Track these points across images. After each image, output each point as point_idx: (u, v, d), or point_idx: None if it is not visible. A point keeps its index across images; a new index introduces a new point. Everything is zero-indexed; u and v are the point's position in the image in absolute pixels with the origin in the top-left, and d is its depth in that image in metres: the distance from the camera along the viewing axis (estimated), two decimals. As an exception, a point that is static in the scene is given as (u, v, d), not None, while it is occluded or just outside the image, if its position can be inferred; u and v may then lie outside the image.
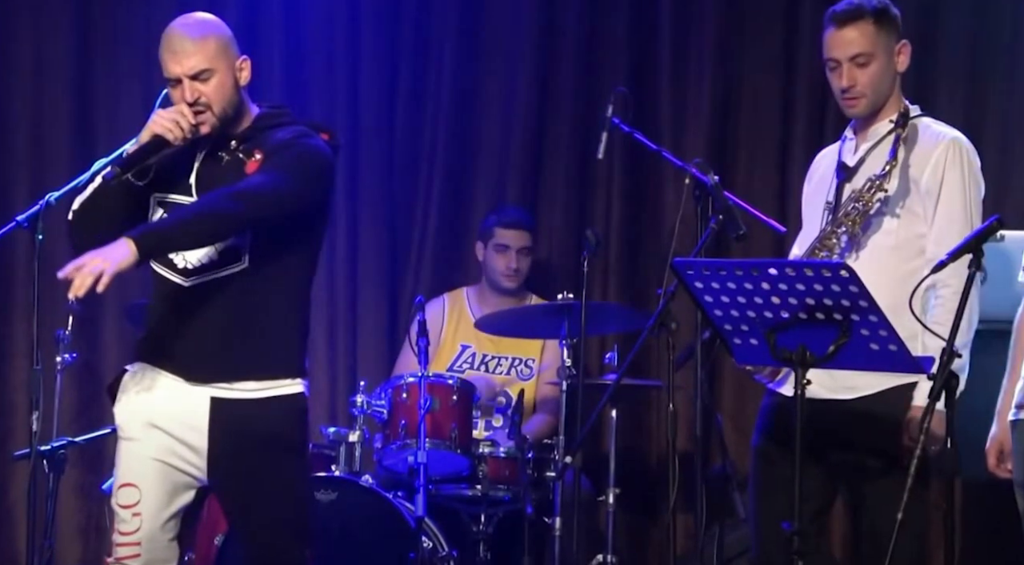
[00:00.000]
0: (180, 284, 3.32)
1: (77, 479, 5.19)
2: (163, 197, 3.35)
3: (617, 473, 4.55)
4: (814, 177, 3.80)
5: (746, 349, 3.23)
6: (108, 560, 3.37)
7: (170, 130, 3.24)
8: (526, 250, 5.12)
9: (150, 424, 3.32)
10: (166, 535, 3.32)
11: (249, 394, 3.32)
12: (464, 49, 5.54)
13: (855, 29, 3.59)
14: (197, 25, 3.35)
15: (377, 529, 4.39)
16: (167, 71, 3.31)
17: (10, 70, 5.45)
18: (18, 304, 5.36)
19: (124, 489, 3.32)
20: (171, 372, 3.33)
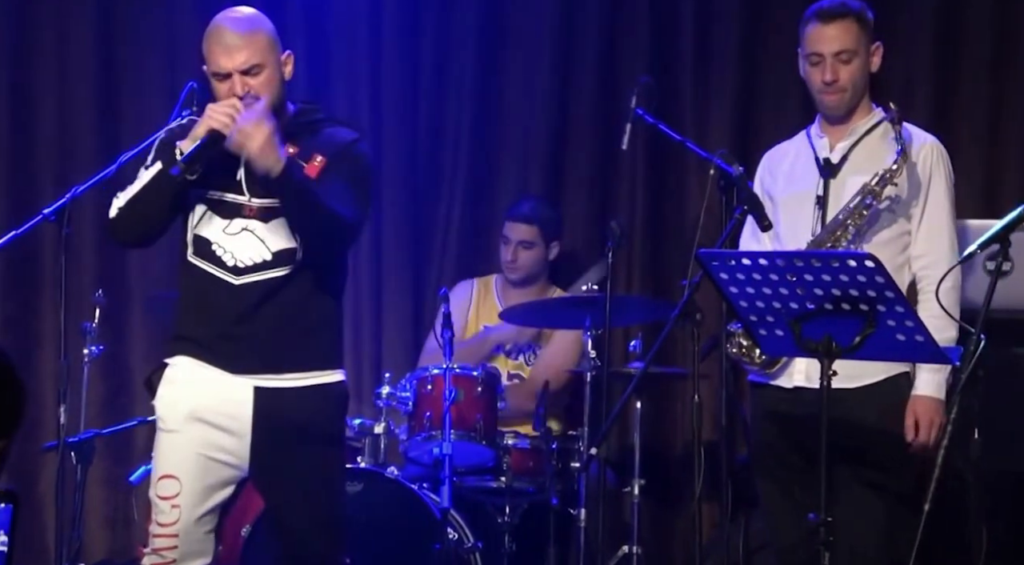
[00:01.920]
0: (228, 282, 3.34)
1: (104, 470, 5.21)
2: (210, 194, 3.36)
3: (642, 464, 4.55)
4: (777, 172, 3.83)
5: (772, 339, 3.23)
6: (144, 550, 3.39)
7: (226, 125, 3.25)
8: (527, 244, 5.09)
9: (192, 417, 3.33)
10: (203, 528, 3.34)
11: (292, 383, 3.35)
12: (486, 40, 5.54)
13: (841, 26, 3.69)
14: (247, 20, 3.36)
15: (403, 520, 4.40)
16: (216, 65, 3.32)
17: (35, 65, 5.48)
18: (45, 297, 5.38)
19: (164, 480, 3.33)
20: (214, 364, 3.35)
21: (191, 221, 3.38)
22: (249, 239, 3.35)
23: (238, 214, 3.36)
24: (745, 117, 5.39)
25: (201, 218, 3.37)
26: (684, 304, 3.48)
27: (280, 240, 3.35)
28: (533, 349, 5.13)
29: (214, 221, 3.37)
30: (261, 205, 3.36)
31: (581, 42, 5.50)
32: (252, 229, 3.35)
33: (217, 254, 3.35)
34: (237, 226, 3.36)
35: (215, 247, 3.36)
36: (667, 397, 5.33)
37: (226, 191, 3.36)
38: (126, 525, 5.32)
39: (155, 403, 3.41)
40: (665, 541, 5.31)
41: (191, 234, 3.38)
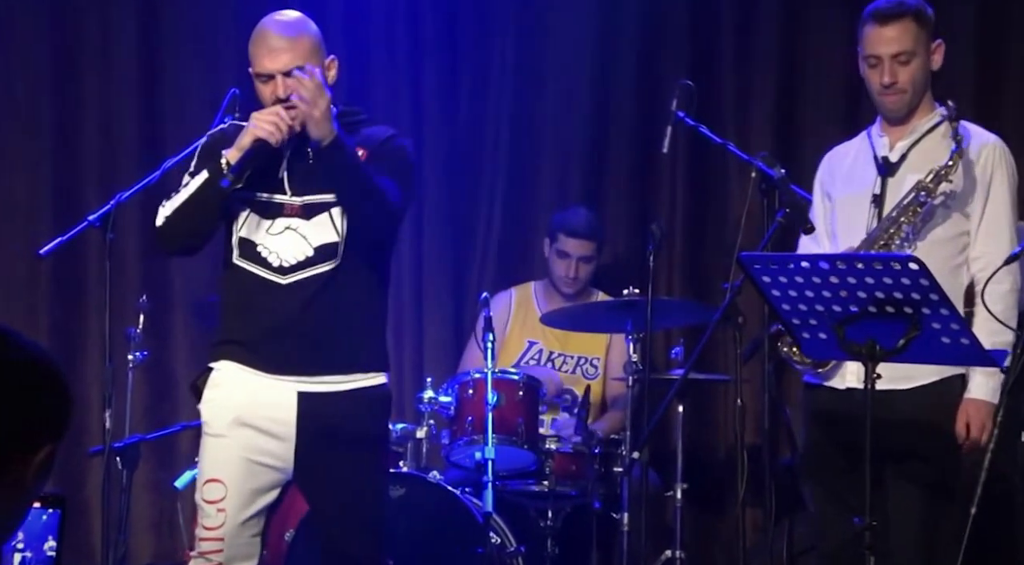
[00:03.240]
0: (276, 282, 3.36)
1: (149, 475, 5.24)
2: (254, 196, 3.37)
3: (684, 468, 4.53)
4: (836, 173, 3.79)
5: (815, 343, 3.21)
6: (190, 553, 3.41)
7: (272, 133, 3.27)
8: (587, 259, 5.09)
9: (238, 421, 3.35)
10: (249, 532, 3.36)
11: (336, 387, 3.37)
12: (525, 43, 5.55)
13: (898, 27, 3.63)
14: (292, 23, 3.39)
15: (445, 525, 4.40)
16: (260, 67, 3.34)
17: (79, 73, 5.52)
18: (90, 303, 5.42)
19: (209, 485, 3.35)
20: (259, 368, 3.37)
21: (235, 224, 3.40)
22: (292, 237, 3.36)
23: (280, 213, 3.38)
24: (786, 119, 5.37)
25: (245, 220, 3.39)
26: (726, 307, 3.47)
27: (322, 235, 3.36)
28: (590, 361, 5.11)
29: (257, 222, 3.38)
30: (303, 203, 3.37)
31: (621, 45, 5.50)
32: (295, 227, 3.37)
33: (263, 255, 3.37)
34: (280, 225, 3.38)
35: (260, 248, 3.38)
36: (709, 401, 5.32)
37: (268, 191, 3.38)
38: (171, 529, 5.34)
39: (201, 407, 3.43)
40: (708, 545, 5.30)
41: (235, 237, 3.40)
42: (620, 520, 4.40)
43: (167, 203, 3.37)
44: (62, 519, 2.05)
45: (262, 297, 3.37)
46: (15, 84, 5.49)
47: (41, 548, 2.02)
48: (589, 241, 5.08)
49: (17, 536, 2.05)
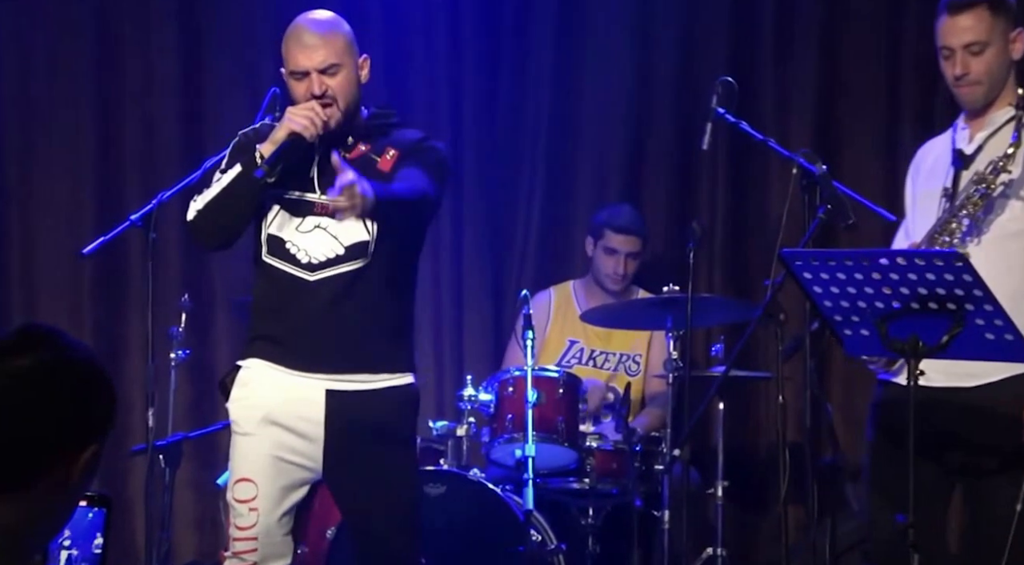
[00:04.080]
0: (305, 279, 3.37)
1: (192, 473, 5.27)
2: (284, 193, 3.39)
3: (725, 465, 4.52)
4: (922, 168, 3.72)
5: (857, 339, 3.20)
6: (225, 554, 3.42)
7: (306, 128, 3.29)
8: (635, 255, 5.08)
9: (267, 420, 3.36)
10: (281, 530, 3.37)
11: (363, 385, 3.37)
12: (565, 41, 5.54)
13: (970, 17, 3.51)
14: (326, 21, 3.40)
15: (486, 522, 4.41)
16: (295, 64, 3.35)
17: (120, 73, 5.55)
18: (132, 302, 5.45)
19: (240, 484, 3.36)
20: (287, 366, 3.38)
21: (264, 221, 3.41)
22: (322, 236, 3.37)
23: (310, 212, 3.39)
24: (827, 116, 5.35)
25: (274, 218, 3.40)
26: (767, 304, 3.45)
27: (352, 234, 3.37)
28: (632, 358, 5.10)
29: (287, 220, 3.39)
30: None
31: (661, 41, 5.49)
32: (324, 226, 3.38)
33: (291, 252, 3.38)
34: (310, 223, 3.39)
35: (289, 246, 3.39)
36: (750, 398, 5.30)
37: (298, 189, 3.39)
38: (213, 527, 5.37)
39: (229, 406, 3.44)
40: (750, 543, 5.28)
41: (265, 234, 3.41)
42: (661, 518, 4.39)
43: (198, 197, 3.39)
44: (108, 517, 2.06)
45: (290, 294, 3.38)
46: (57, 85, 5.54)
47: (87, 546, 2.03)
48: (636, 237, 5.07)
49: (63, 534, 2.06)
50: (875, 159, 5.29)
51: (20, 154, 5.52)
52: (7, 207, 5.51)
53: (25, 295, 5.52)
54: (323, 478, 3.42)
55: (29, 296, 5.52)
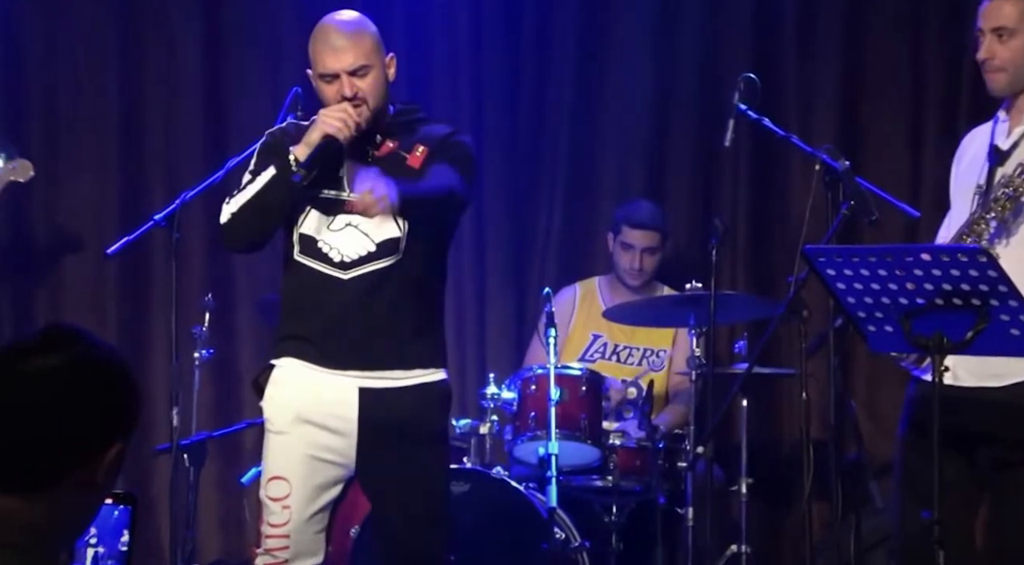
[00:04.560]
0: (337, 277, 3.38)
1: (216, 472, 5.28)
2: (315, 193, 3.39)
3: (749, 463, 4.51)
4: (963, 158, 3.66)
5: (881, 336, 3.18)
6: (256, 551, 3.43)
7: (340, 130, 3.29)
8: (652, 250, 5.07)
9: (300, 418, 3.37)
10: (313, 528, 3.38)
11: (397, 382, 3.38)
12: (587, 39, 5.54)
13: (1007, 2, 3.46)
14: (354, 22, 3.40)
15: (509, 520, 4.40)
16: (324, 66, 3.35)
17: (143, 75, 5.57)
18: (156, 301, 5.47)
19: (274, 482, 3.37)
20: (320, 365, 3.39)
21: (296, 221, 3.42)
22: (353, 234, 3.38)
23: (341, 210, 3.39)
24: (850, 111, 5.33)
25: (305, 217, 3.41)
26: (790, 301, 3.44)
27: (384, 231, 3.38)
28: (656, 353, 5.10)
29: (318, 219, 3.40)
30: None
31: (683, 38, 5.48)
32: (356, 224, 3.38)
33: (323, 251, 3.39)
34: (341, 222, 3.39)
35: (321, 244, 3.39)
36: (774, 395, 5.29)
37: (329, 188, 3.39)
38: (238, 526, 5.39)
39: (263, 404, 3.45)
40: (774, 540, 5.27)
41: (296, 233, 3.42)
42: (685, 515, 4.39)
43: (232, 200, 3.38)
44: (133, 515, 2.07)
45: (324, 293, 3.38)
46: (81, 86, 5.56)
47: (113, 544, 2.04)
48: (653, 232, 5.07)
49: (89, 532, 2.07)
50: (899, 155, 5.27)
51: (44, 154, 5.54)
52: (32, 208, 5.53)
53: (50, 295, 5.55)
54: (355, 475, 3.43)
55: (54, 296, 5.55)
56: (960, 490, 3.44)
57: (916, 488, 3.50)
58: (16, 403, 1.70)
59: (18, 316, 5.48)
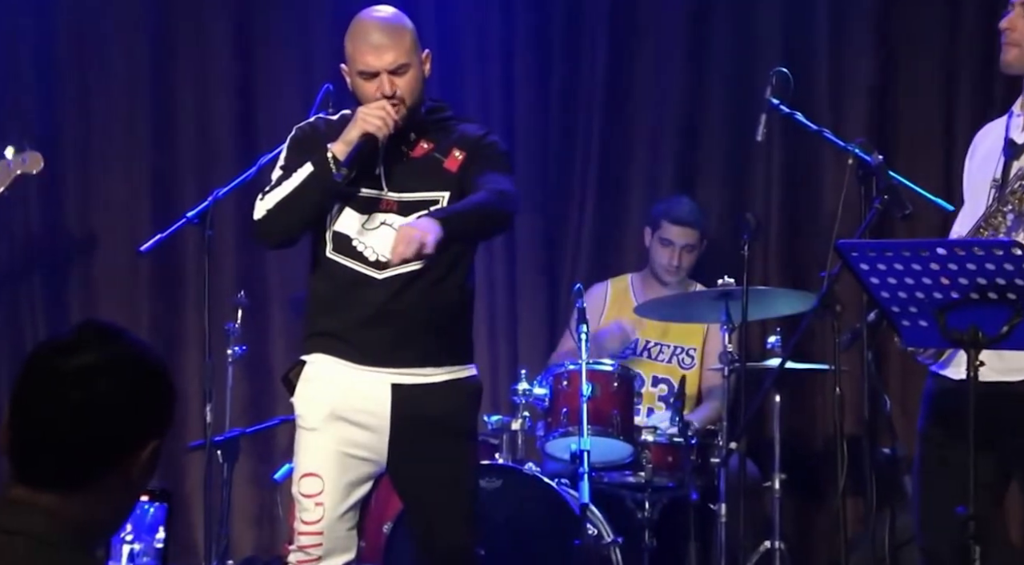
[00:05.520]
0: (372, 276, 3.38)
1: (249, 469, 5.31)
2: (349, 190, 3.38)
3: (783, 458, 4.50)
4: (976, 153, 3.67)
5: (915, 331, 3.16)
6: (289, 548, 3.44)
7: (380, 128, 3.29)
8: (690, 247, 5.06)
9: (332, 415, 3.37)
10: (345, 525, 3.38)
11: (428, 379, 3.38)
12: (618, 33, 5.53)
13: None
14: (393, 19, 3.40)
15: (541, 516, 4.41)
16: (364, 64, 3.34)
17: (174, 72, 5.60)
18: (189, 298, 5.50)
19: (306, 479, 3.37)
20: (353, 361, 3.39)
21: (329, 218, 3.42)
22: (388, 233, 3.37)
23: (376, 208, 3.39)
24: (884, 105, 5.30)
25: (339, 214, 3.40)
26: (823, 296, 3.42)
27: None
28: (686, 351, 5.09)
29: (352, 217, 3.40)
30: (400, 199, 3.39)
31: (713, 33, 5.46)
32: (390, 223, 3.38)
33: (358, 250, 3.38)
34: (376, 220, 3.39)
35: (355, 243, 3.39)
36: (807, 390, 5.27)
37: (364, 186, 3.39)
38: (271, 522, 5.41)
39: (294, 401, 3.45)
40: (808, 536, 5.25)
41: (329, 231, 3.42)
42: (718, 511, 4.38)
43: (267, 196, 3.37)
44: (169, 512, 2.08)
45: (357, 290, 3.38)
46: (114, 85, 5.59)
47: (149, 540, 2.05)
48: (693, 229, 5.06)
49: (125, 528, 2.09)
50: (932, 148, 5.24)
51: (78, 153, 5.58)
52: (65, 206, 5.57)
53: (83, 293, 5.59)
54: (386, 471, 3.43)
55: (87, 294, 5.58)
56: (987, 484, 3.42)
57: (939, 484, 3.49)
58: (53, 401, 1.71)
59: (52, 314, 5.51)
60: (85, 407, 1.71)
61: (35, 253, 5.58)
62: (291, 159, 3.39)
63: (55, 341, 1.75)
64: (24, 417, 1.73)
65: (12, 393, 1.74)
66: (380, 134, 3.28)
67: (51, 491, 1.71)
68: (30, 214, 5.55)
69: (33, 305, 5.54)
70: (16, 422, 1.73)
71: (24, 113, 5.53)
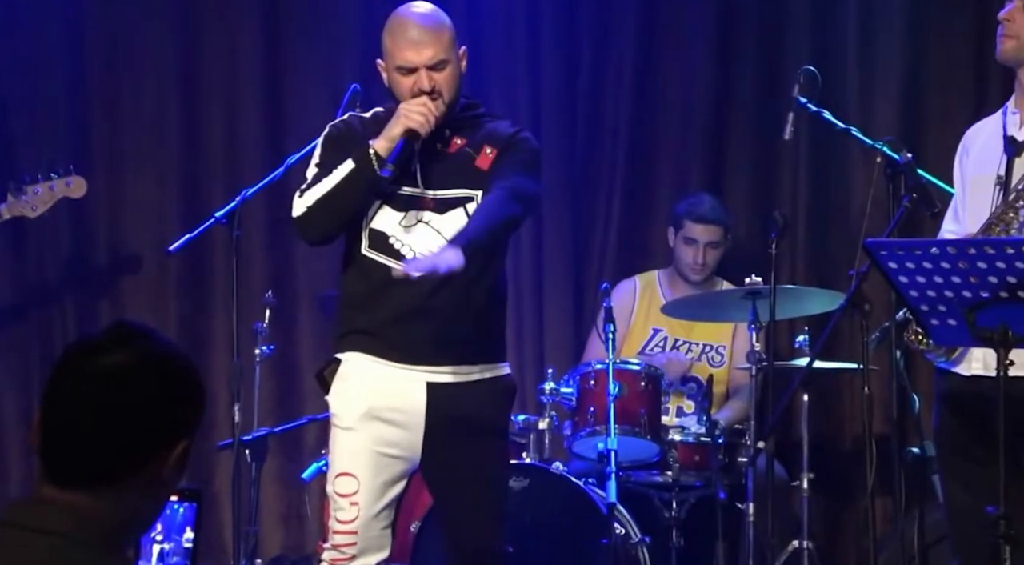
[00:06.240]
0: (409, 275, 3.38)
1: (277, 468, 5.32)
2: (388, 188, 3.38)
3: (810, 458, 4.48)
4: (971, 151, 3.66)
5: (944, 329, 3.15)
6: (323, 546, 3.45)
7: (422, 125, 3.30)
8: (714, 244, 5.05)
9: (368, 415, 3.37)
10: (380, 523, 3.39)
11: (463, 377, 3.39)
12: (645, 32, 5.52)
13: None
14: (433, 15, 3.40)
15: (569, 516, 4.40)
16: (403, 60, 3.34)
17: (203, 72, 5.61)
18: (217, 298, 5.51)
19: (342, 478, 3.38)
20: (388, 359, 3.39)
21: (365, 216, 3.42)
22: (425, 231, 3.38)
23: (413, 206, 3.39)
24: (913, 102, 5.28)
25: (375, 212, 3.41)
26: (852, 295, 3.41)
27: (456, 229, 3.38)
28: (715, 349, 5.08)
29: (389, 214, 3.40)
30: (437, 197, 3.39)
31: (741, 31, 5.44)
32: (427, 220, 3.38)
33: (395, 247, 3.38)
34: (412, 218, 3.39)
35: (392, 240, 3.39)
36: (835, 390, 5.25)
37: (400, 184, 3.39)
38: (299, 521, 5.42)
39: (329, 399, 3.46)
40: (837, 536, 5.23)
41: (366, 229, 3.42)
42: (746, 511, 4.36)
43: (306, 193, 3.37)
44: (198, 512, 2.09)
45: (392, 288, 3.37)
46: (142, 84, 5.61)
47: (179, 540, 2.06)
48: (716, 226, 5.04)
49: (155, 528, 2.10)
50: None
51: (106, 153, 5.60)
52: (94, 207, 5.58)
53: (112, 293, 5.60)
54: (419, 468, 3.44)
55: (116, 294, 5.60)
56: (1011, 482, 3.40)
57: (961, 483, 3.48)
58: (84, 401, 1.72)
59: (81, 314, 5.54)
60: (115, 407, 1.72)
61: (65, 254, 5.60)
62: (327, 156, 3.40)
63: (85, 341, 1.75)
64: (55, 417, 1.73)
65: (43, 393, 1.75)
66: (423, 131, 3.29)
67: (81, 491, 1.72)
68: (59, 214, 5.58)
69: (63, 306, 5.57)
70: (47, 422, 1.74)
71: (54, 113, 5.56)
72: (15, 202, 4.96)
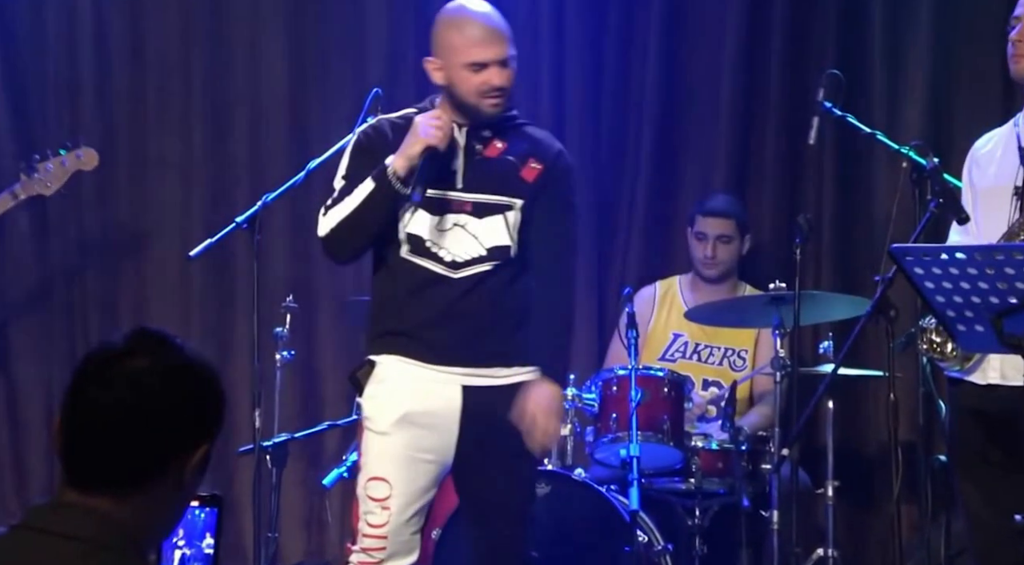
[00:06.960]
0: (447, 276, 3.38)
1: (298, 473, 5.31)
2: (426, 192, 3.37)
3: (836, 465, 4.45)
4: (981, 162, 3.67)
5: (971, 336, 3.13)
6: (351, 548, 3.44)
7: (441, 139, 3.29)
8: (725, 238, 5.03)
9: (403, 419, 3.37)
10: (411, 529, 3.39)
11: (498, 380, 3.38)
12: (670, 36, 5.49)
13: None
14: (495, 13, 3.43)
15: (591, 523, 4.39)
16: (473, 56, 3.34)
17: (227, 77, 5.62)
18: (238, 303, 5.51)
19: (374, 482, 3.37)
20: (422, 360, 3.39)
21: (401, 220, 3.40)
22: (461, 234, 3.37)
23: (449, 210, 3.39)
24: (940, 107, 5.24)
25: (413, 216, 3.39)
26: (878, 301, 3.39)
27: (494, 237, 3.38)
28: (737, 353, 5.05)
29: (424, 218, 3.39)
30: (474, 200, 3.38)
31: (767, 35, 5.42)
32: (463, 224, 3.38)
33: (433, 251, 3.38)
34: (449, 222, 3.39)
35: (430, 244, 3.39)
36: (860, 396, 5.21)
37: (437, 187, 3.38)
38: (320, 527, 5.41)
39: (362, 401, 3.45)
40: (862, 544, 5.20)
41: (403, 233, 3.41)
42: (770, 518, 4.33)
43: (330, 212, 3.37)
44: (219, 518, 2.08)
45: (430, 290, 3.38)
46: (166, 88, 5.62)
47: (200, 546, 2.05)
48: (726, 219, 5.02)
49: (176, 533, 2.09)
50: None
51: (130, 157, 5.60)
52: (118, 211, 5.60)
53: (134, 297, 5.61)
54: (451, 470, 3.43)
55: (137, 298, 5.61)
56: None
57: (989, 492, 3.46)
58: (105, 406, 1.72)
59: (103, 318, 5.54)
60: (136, 412, 1.71)
61: (87, 257, 5.61)
62: (354, 168, 3.39)
63: (107, 346, 1.75)
64: (76, 420, 1.73)
65: (64, 397, 1.75)
66: (441, 146, 3.28)
67: (103, 495, 1.71)
68: (83, 217, 5.59)
69: (85, 310, 5.58)
70: (68, 425, 1.74)
71: (80, 116, 5.57)
72: (28, 181, 4.98)
